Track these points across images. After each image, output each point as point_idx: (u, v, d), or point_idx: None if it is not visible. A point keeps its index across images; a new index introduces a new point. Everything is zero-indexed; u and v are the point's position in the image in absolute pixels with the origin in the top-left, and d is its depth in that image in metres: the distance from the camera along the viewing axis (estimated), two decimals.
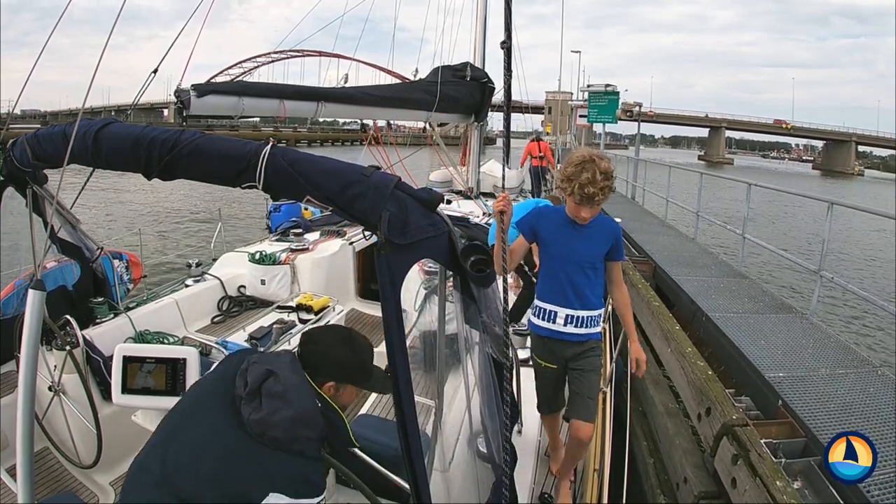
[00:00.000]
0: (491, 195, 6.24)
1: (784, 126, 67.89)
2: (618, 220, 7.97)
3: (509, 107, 1.78)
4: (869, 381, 2.86)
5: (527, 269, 4.51)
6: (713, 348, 3.55)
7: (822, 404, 2.52)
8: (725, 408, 2.35)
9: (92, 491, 2.16)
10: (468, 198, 5.56)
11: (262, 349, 2.53)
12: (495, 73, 4.50)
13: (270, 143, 1.13)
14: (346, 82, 3.99)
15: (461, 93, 4.32)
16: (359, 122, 4.66)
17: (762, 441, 2.09)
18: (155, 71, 2.10)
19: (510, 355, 1.38)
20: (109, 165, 1.23)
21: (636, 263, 5.37)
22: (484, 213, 4.78)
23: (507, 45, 1.52)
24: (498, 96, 4.72)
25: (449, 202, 5.01)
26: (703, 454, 2.53)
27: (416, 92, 3.83)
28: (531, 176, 9.99)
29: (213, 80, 2.57)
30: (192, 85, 2.27)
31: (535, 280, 4.25)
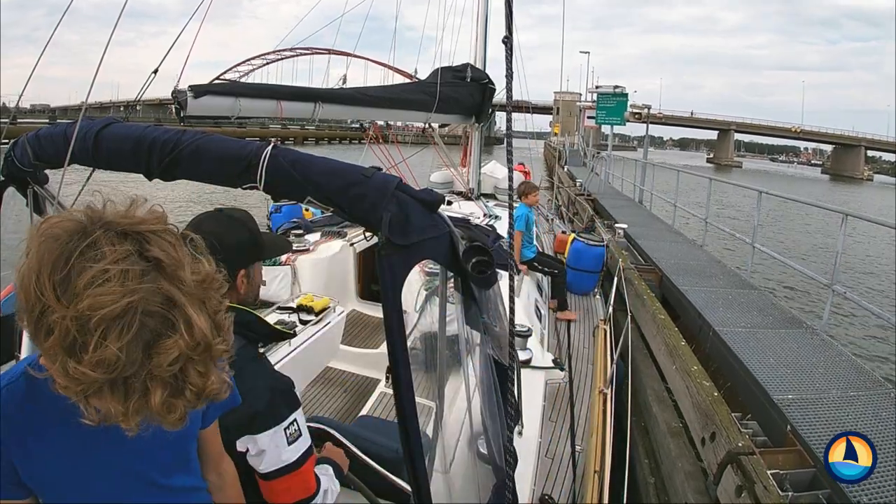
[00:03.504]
0: (492, 196, 6.18)
1: (793, 130, 67.32)
2: (623, 225, 7.86)
3: (510, 105, 1.63)
4: (881, 405, 2.74)
5: (537, 265, 4.51)
6: (719, 364, 3.44)
7: (832, 430, 2.40)
8: (731, 433, 2.25)
9: None
10: (469, 199, 5.51)
11: (262, 350, 2.48)
12: (497, 73, 4.45)
13: (272, 144, 1.11)
14: (344, 83, 3.93)
15: (461, 94, 4.26)
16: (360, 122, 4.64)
17: (769, 472, 1.98)
18: (155, 71, 2.10)
19: (514, 355, 1.34)
20: (110, 166, 1.21)
21: (642, 272, 5.24)
22: (485, 215, 4.72)
23: (509, 42, 1.42)
24: (500, 96, 4.67)
25: (450, 203, 4.96)
26: (707, 480, 2.43)
27: (415, 93, 3.78)
28: None
29: (221, 77, 2.56)
30: (190, 86, 2.31)
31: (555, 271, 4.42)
